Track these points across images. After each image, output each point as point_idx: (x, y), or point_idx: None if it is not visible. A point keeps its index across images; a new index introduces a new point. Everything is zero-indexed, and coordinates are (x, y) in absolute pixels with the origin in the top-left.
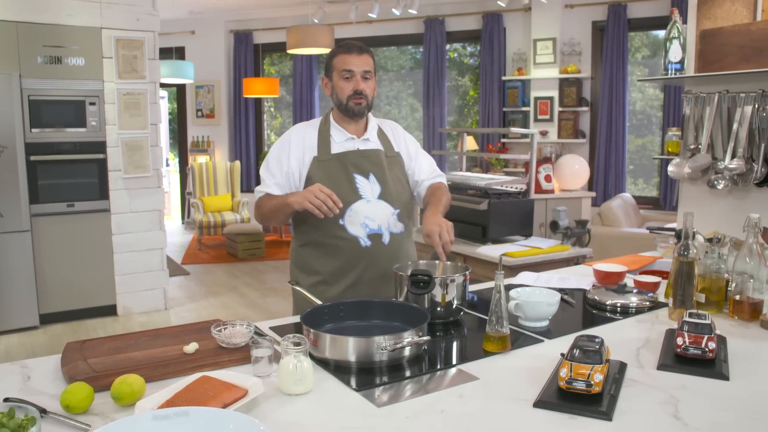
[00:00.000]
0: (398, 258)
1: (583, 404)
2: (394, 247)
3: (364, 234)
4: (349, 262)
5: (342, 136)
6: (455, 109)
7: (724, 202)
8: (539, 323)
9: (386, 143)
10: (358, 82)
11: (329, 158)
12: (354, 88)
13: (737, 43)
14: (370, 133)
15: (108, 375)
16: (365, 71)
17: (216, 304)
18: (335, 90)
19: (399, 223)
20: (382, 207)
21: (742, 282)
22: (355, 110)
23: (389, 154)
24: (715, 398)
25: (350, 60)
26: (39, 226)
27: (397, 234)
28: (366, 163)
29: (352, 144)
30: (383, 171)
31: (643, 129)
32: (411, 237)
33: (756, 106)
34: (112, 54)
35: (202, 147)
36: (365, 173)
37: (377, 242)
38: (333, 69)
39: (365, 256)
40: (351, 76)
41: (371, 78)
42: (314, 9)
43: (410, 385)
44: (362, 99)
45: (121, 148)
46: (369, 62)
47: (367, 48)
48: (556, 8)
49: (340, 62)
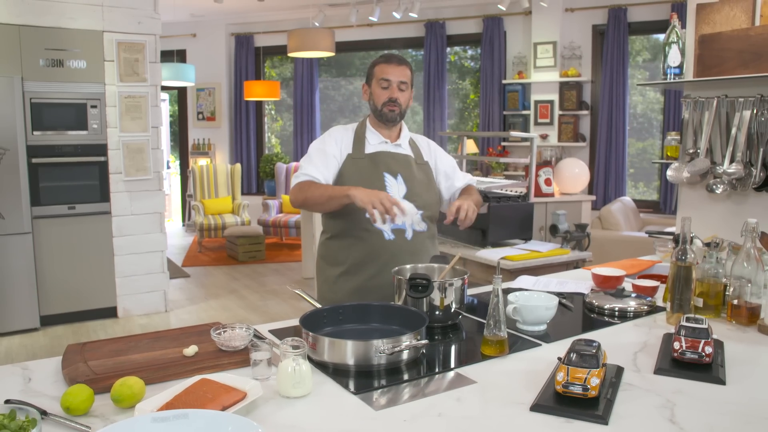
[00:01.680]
0: (419, 255)
1: (580, 408)
2: (416, 244)
3: (389, 228)
4: (372, 253)
5: (376, 139)
6: (456, 113)
7: (723, 206)
8: (537, 327)
9: (417, 152)
10: (393, 91)
11: (363, 157)
12: (389, 96)
13: (736, 48)
14: (403, 140)
15: (108, 377)
16: (401, 81)
17: (216, 307)
18: (372, 96)
19: (423, 222)
20: (407, 205)
21: (739, 286)
22: (389, 116)
23: (419, 162)
24: (711, 402)
25: (389, 70)
26: (40, 229)
27: (420, 232)
28: (395, 164)
29: (385, 147)
30: (411, 173)
31: (644, 132)
32: (434, 239)
33: (754, 110)
34: (114, 57)
35: (203, 149)
36: (394, 173)
37: (400, 237)
38: (372, 77)
39: (387, 249)
40: (388, 85)
41: (407, 89)
42: (315, 12)
43: (408, 389)
44: (396, 107)
45: (122, 150)
46: (406, 74)
47: (406, 61)
48: (557, 12)
49: (380, 71)
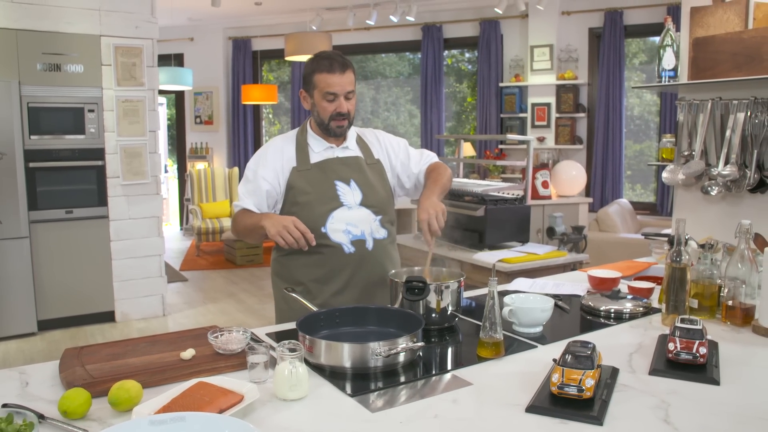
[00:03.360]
0: (383, 263)
1: (575, 409)
2: (378, 252)
3: (348, 241)
4: (333, 269)
5: (320, 146)
6: (453, 116)
7: (718, 208)
8: (533, 329)
9: (366, 151)
10: (341, 105)
11: (309, 167)
12: (337, 110)
13: (729, 50)
14: (349, 142)
15: (105, 381)
16: (348, 91)
17: (214, 311)
18: (316, 108)
19: (382, 228)
20: (363, 213)
21: (734, 287)
22: (337, 132)
23: (369, 161)
24: (705, 403)
25: (333, 81)
26: (37, 233)
27: (380, 239)
28: (346, 169)
29: (332, 152)
30: (365, 177)
31: (642, 134)
32: (395, 242)
33: (748, 112)
34: (111, 61)
35: (201, 153)
36: (346, 180)
37: (361, 248)
38: (314, 87)
39: (350, 263)
40: (334, 98)
41: (353, 95)
42: (312, 16)
43: (405, 391)
44: (344, 120)
45: (120, 154)
46: (351, 79)
47: (348, 62)
48: (553, 15)
49: (323, 82)
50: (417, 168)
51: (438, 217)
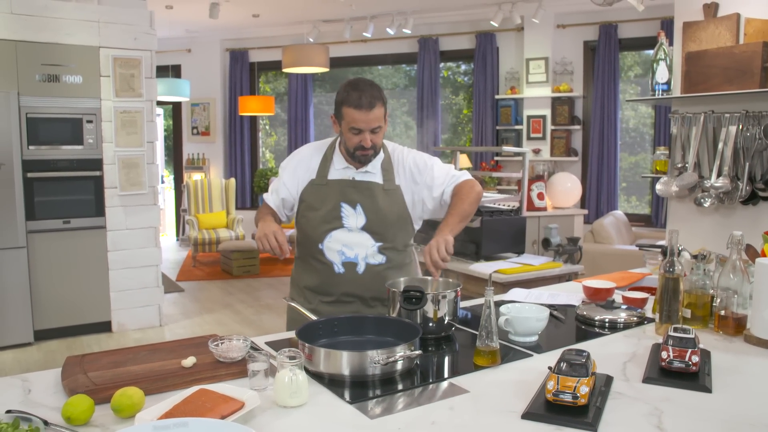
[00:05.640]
0: (371, 288)
1: (570, 416)
2: (367, 277)
3: (339, 261)
4: (323, 284)
5: (341, 164)
6: (449, 127)
7: (711, 220)
8: (528, 338)
9: (388, 175)
10: (365, 139)
11: (324, 183)
12: (362, 144)
13: (721, 65)
14: (373, 165)
15: (108, 388)
16: (375, 127)
17: (211, 321)
18: (343, 137)
19: (379, 255)
20: (362, 238)
21: (726, 298)
22: (361, 160)
23: (387, 187)
24: (697, 410)
25: (359, 118)
26: (35, 243)
27: (374, 265)
28: (356, 193)
29: (349, 173)
30: (375, 203)
31: (636, 146)
32: (399, 269)
33: (740, 126)
34: (110, 72)
35: (198, 164)
36: (353, 203)
37: (351, 270)
38: (342, 117)
39: (338, 282)
40: (359, 132)
41: (381, 129)
42: (309, 28)
43: (402, 398)
44: (369, 151)
45: (118, 165)
46: (380, 114)
47: (378, 96)
48: (548, 28)
49: (349, 116)
50: (439, 191)
51: (440, 247)
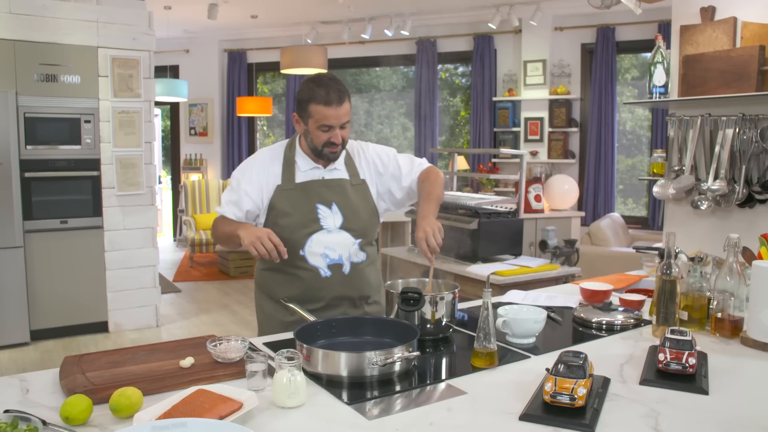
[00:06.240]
0: (359, 287)
1: (567, 417)
2: (355, 276)
3: (324, 265)
4: (309, 291)
5: (307, 165)
6: (446, 129)
7: (708, 222)
8: (526, 340)
9: (352, 170)
10: (336, 135)
11: (293, 187)
12: (332, 140)
13: (718, 68)
14: (337, 162)
15: (106, 388)
16: (344, 123)
17: (207, 322)
18: (310, 135)
19: (361, 252)
20: (343, 237)
21: (723, 300)
22: (330, 157)
23: (354, 182)
24: (694, 412)
25: (329, 114)
26: (32, 243)
27: (358, 263)
28: (329, 192)
29: (318, 173)
30: (347, 200)
31: (634, 149)
32: (375, 264)
33: (737, 129)
34: (108, 72)
35: (195, 165)
36: (328, 203)
37: (337, 272)
38: (308, 116)
39: (326, 287)
40: (329, 129)
41: (348, 123)
42: (308, 29)
43: (400, 399)
44: (338, 147)
45: (115, 165)
46: (347, 109)
47: (344, 91)
48: (546, 30)
49: (318, 114)
50: (408, 180)
51: (435, 234)
